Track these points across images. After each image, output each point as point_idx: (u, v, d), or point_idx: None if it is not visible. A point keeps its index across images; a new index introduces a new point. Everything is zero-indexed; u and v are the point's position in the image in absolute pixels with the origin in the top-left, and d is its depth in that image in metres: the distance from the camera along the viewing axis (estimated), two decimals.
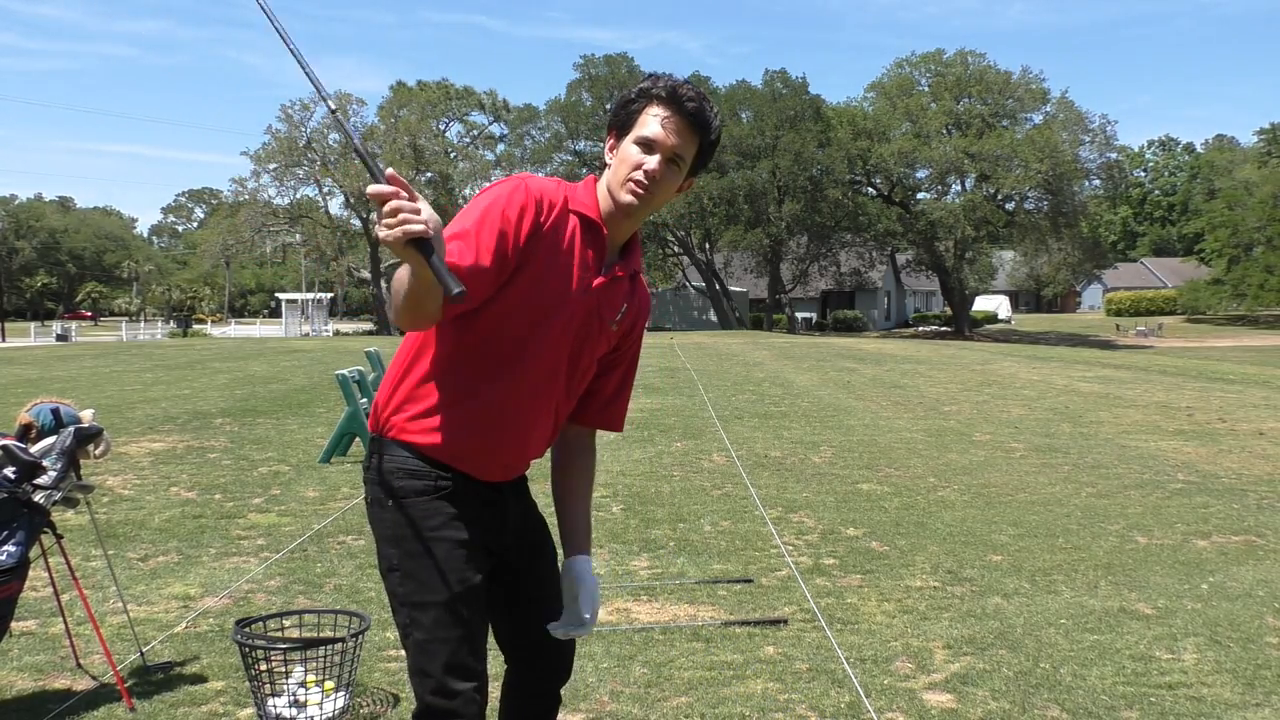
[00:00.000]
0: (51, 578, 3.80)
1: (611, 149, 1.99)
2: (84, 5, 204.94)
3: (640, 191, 1.90)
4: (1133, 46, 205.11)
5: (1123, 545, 5.75)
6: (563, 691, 2.25)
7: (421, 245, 1.53)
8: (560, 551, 2.17)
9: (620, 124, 1.97)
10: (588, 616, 2.06)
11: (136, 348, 32.24)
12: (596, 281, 1.97)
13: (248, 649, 3.10)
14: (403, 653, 4.06)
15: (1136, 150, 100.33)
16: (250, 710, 3.32)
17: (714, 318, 53.42)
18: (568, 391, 2.03)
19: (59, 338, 44.71)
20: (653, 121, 1.91)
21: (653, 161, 1.90)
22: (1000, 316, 67.10)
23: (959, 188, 52.68)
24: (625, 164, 1.92)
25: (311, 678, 3.18)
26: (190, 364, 22.05)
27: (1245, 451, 9.30)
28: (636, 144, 1.91)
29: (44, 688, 3.63)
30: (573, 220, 1.93)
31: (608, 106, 55.47)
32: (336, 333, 54.35)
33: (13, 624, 3.56)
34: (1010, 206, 51.64)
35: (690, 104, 1.91)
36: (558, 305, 1.92)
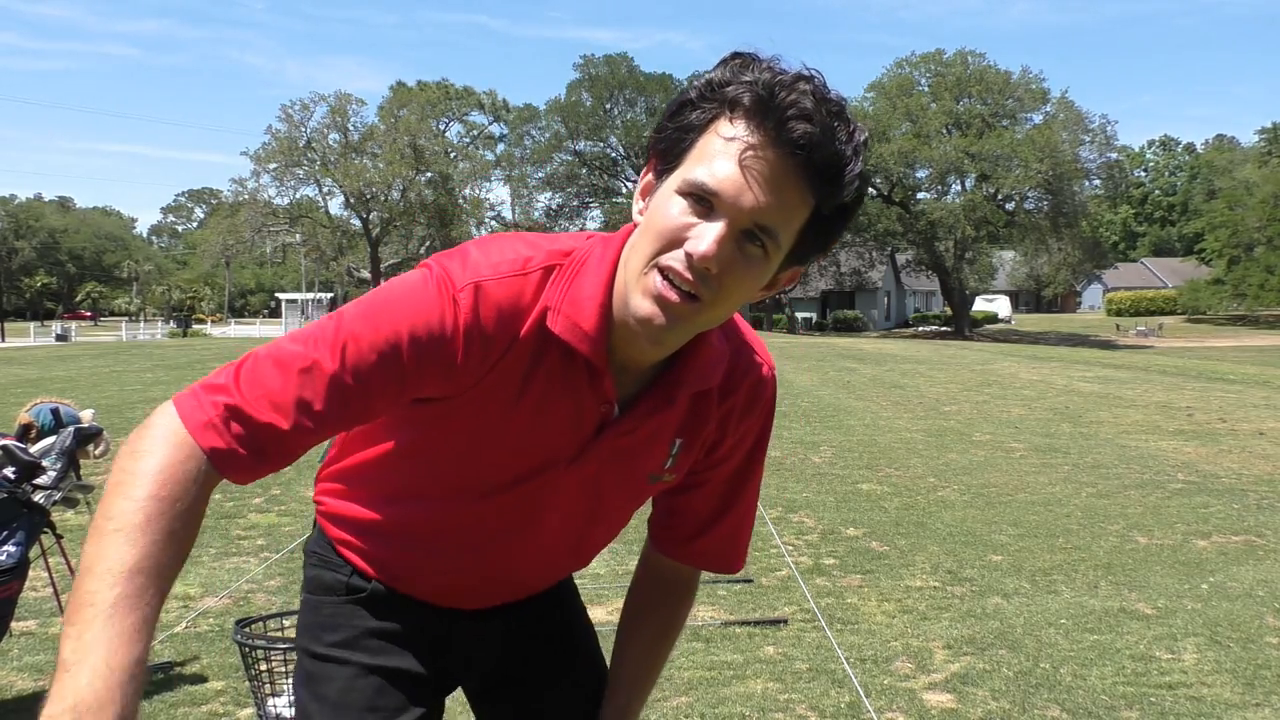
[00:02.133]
0: (51, 578, 3.81)
1: (645, 191, 1.12)
2: (85, 5, 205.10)
3: (670, 297, 1.04)
4: (1133, 46, 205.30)
5: (1123, 545, 5.74)
6: None
7: None
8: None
9: (665, 149, 1.08)
10: None
11: (136, 347, 32.25)
12: (596, 448, 1.22)
13: (248, 649, 3.10)
14: None
15: (1137, 150, 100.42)
16: (250, 710, 3.33)
17: None
18: (588, 527, 1.39)
19: (59, 338, 44.70)
20: (719, 158, 1.02)
21: (707, 237, 1.01)
22: (1000, 316, 67.09)
23: (959, 188, 52.67)
24: (655, 234, 1.05)
25: None
26: (190, 364, 22.05)
27: (1245, 451, 9.30)
28: (684, 195, 1.03)
29: (44, 688, 3.62)
30: (554, 347, 1.14)
31: (607, 106, 55.59)
32: None
33: (13, 624, 3.56)
34: (1010, 206, 51.61)
35: (800, 126, 0.99)
36: (517, 480, 1.24)
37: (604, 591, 4.75)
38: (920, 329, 57.64)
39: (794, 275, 1.13)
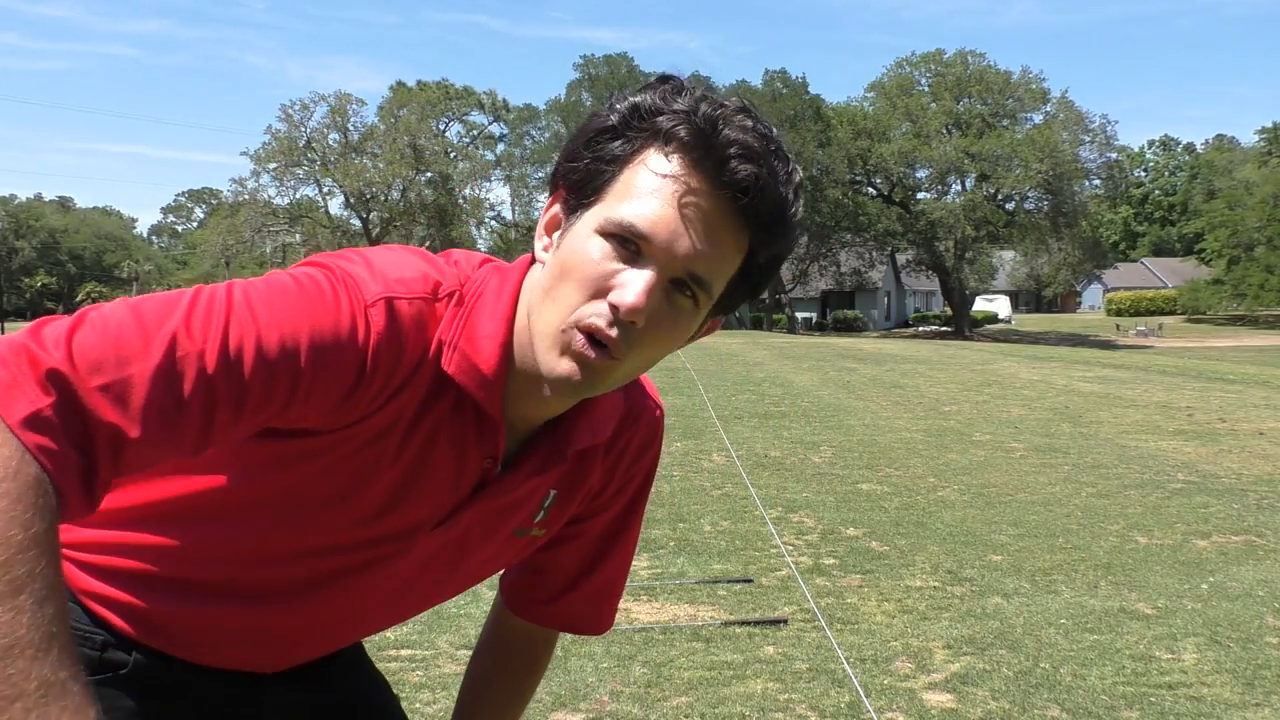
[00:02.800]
0: None
1: (551, 227, 0.99)
2: (86, 5, 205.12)
3: (591, 356, 0.91)
4: (1133, 46, 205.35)
5: (1123, 545, 5.75)
6: (563, 691, 2.09)
7: None
8: None
9: (578, 181, 0.94)
10: None
11: None
12: (471, 510, 1.07)
13: None
14: (404, 651, 4.08)
15: (1136, 150, 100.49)
16: None
17: None
18: (405, 600, 1.18)
19: None
20: (649, 197, 0.90)
21: (635, 287, 0.89)
22: (1000, 316, 67.11)
23: (959, 188, 52.67)
24: (574, 282, 0.91)
25: None
26: None
27: (1245, 451, 9.30)
28: (606, 236, 0.91)
29: None
30: (446, 390, 0.98)
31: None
32: None
33: None
34: (1010, 206, 51.62)
35: (744, 168, 0.89)
36: (355, 545, 1.06)
37: None
38: (920, 329, 57.65)
39: (713, 326, 1.01)
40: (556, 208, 0.98)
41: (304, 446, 0.97)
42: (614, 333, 0.90)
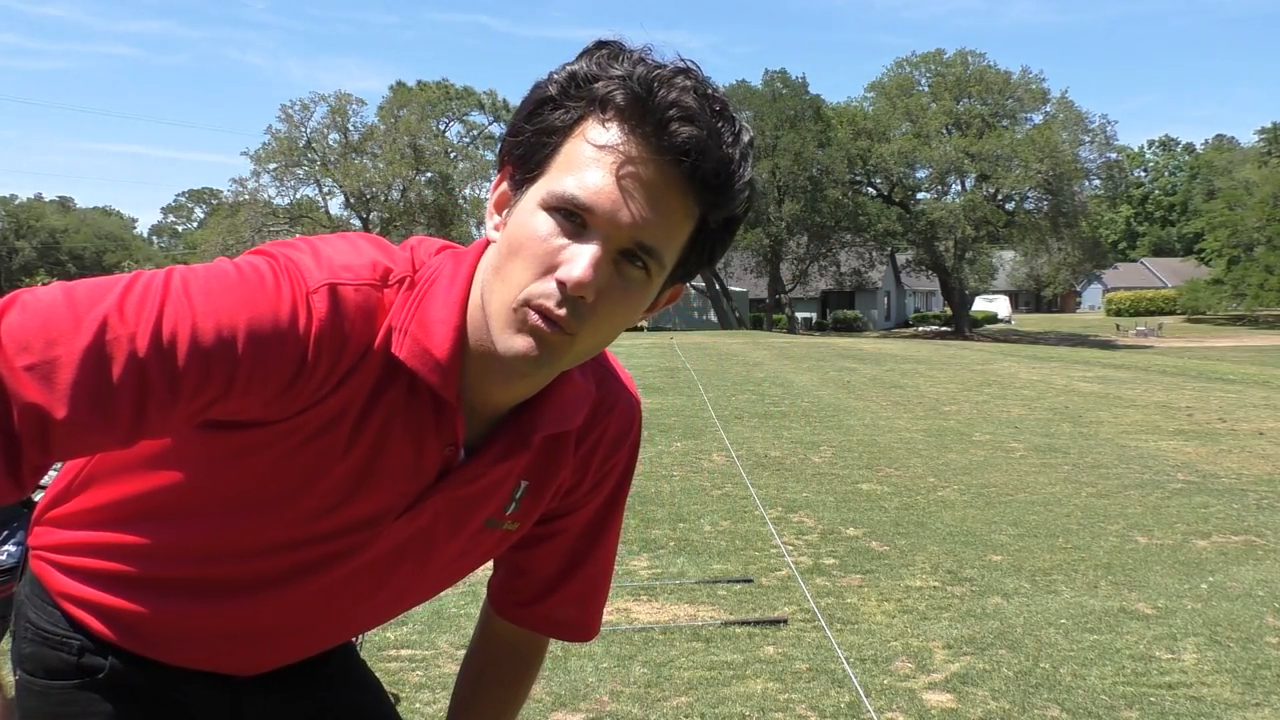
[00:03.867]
0: None
1: (500, 205, 0.97)
2: (86, 5, 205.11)
3: (545, 330, 0.89)
4: (1133, 46, 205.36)
5: (1123, 545, 5.75)
6: (563, 691, 2.10)
7: None
8: None
9: (521, 155, 0.93)
10: None
11: None
12: (435, 498, 1.05)
13: None
14: (405, 650, 4.08)
15: (1136, 150, 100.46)
16: None
17: (714, 318, 53.42)
18: (379, 597, 1.16)
19: None
20: (590, 166, 0.88)
21: (581, 261, 0.87)
22: (1000, 316, 67.10)
23: (959, 188, 52.67)
24: (522, 259, 0.90)
25: None
26: None
27: (1245, 451, 9.30)
28: (550, 210, 0.89)
29: None
30: (398, 377, 0.97)
31: None
32: None
33: (12, 624, 3.56)
34: (1010, 206, 51.62)
35: (684, 130, 0.86)
36: (320, 537, 1.05)
37: None
38: (920, 329, 57.66)
39: (675, 294, 1.00)
40: (504, 184, 0.96)
41: (253, 438, 0.95)
42: (563, 311, 0.88)
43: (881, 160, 50.16)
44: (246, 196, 54.78)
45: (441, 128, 63.27)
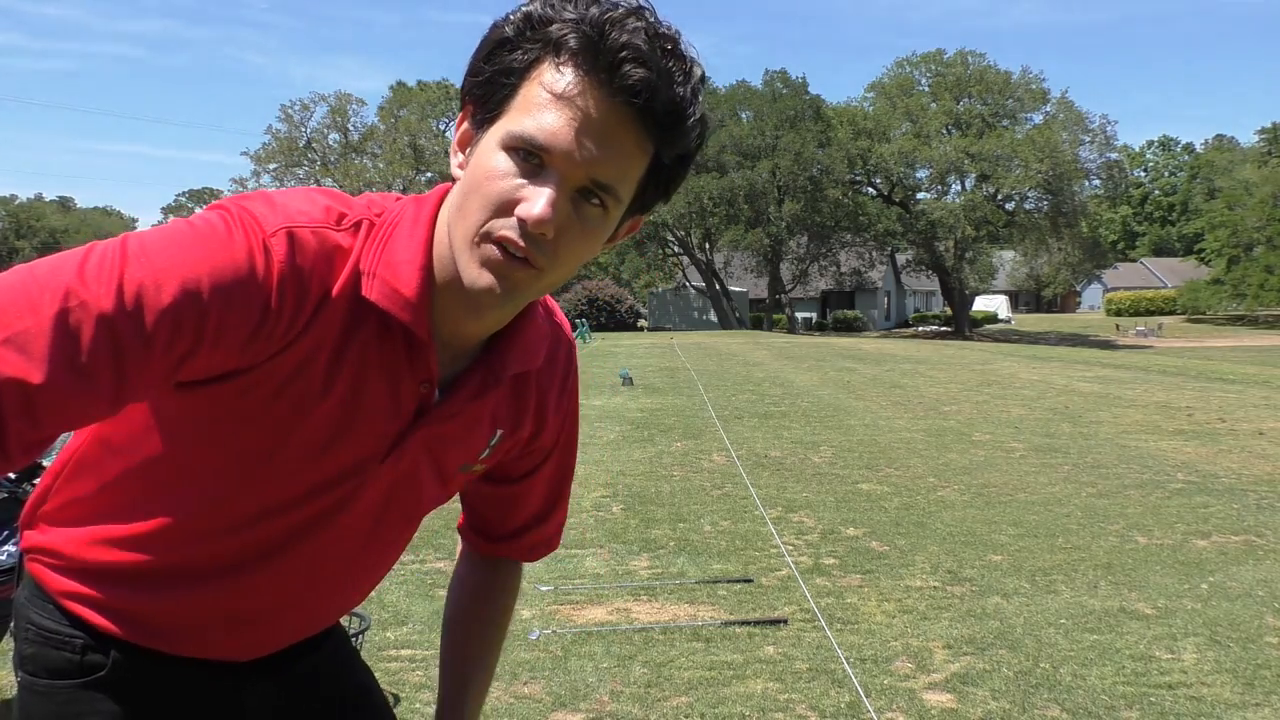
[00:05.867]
0: None
1: (463, 143, 0.99)
2: (88, 5, 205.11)
3: (504, 263, 0.93)
4: (1133, 46, 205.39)
5: (1123, 545, 5.75)
6: (563, 691, 2.12)
7: None
8: None
9: (480, 95, 0.96)
10: None
11: None
12: (414, 437, 1.08)
13: None
14: (405, 650, 4.08)
15: (1136, 150, 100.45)
16: None
17: (714, 318, 53.43)
18: (371, 551, 1.19)
19: None
20: (546, 107, 0.91)
21: (539, 200, 0.90)
22: (1000, 316, 67.10)
23: (959, 188, 52.67)
24: (482, 197, 0.93)
25: None
26: None
27: (1245, 451, 9.30)
28: (508, 150, 0.92)
29: None
30: (365, 321, 0.99)
31: None
32: None
33: (12, 624, 3.56)
34: (1010, 206, 51.63)
35: (635, 72, 0.89)
36: (309, 491, 1.07)
37: (604, 591, 4.75)
38: (920, 329, 57.65)
39: (634, 225, 1.04)
40: (465, 124, 0.99)
41: (228, 389, 0.96)
42: (524, 244, 0.91)
43: (881, 160, 50.16)
44: None
45: (441, 128, 63.27)
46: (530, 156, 0.91)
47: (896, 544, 5.75)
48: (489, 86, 0.94)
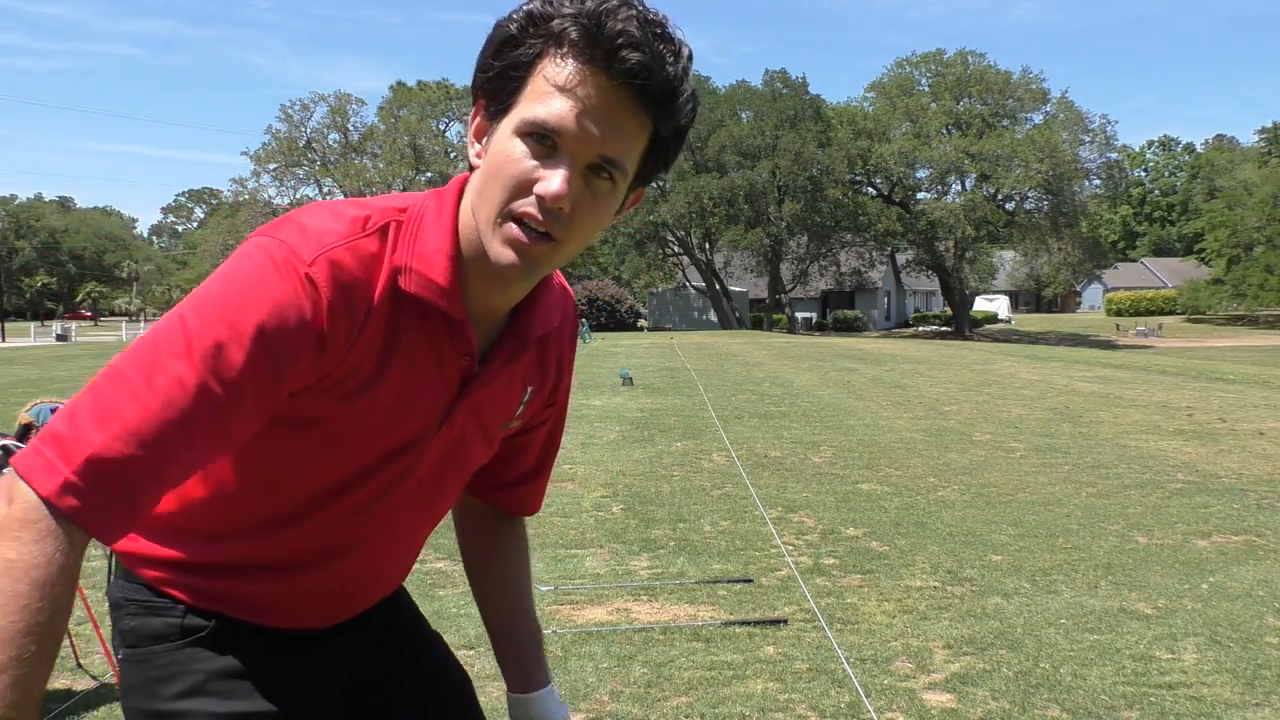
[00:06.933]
0: None
1: (479, 134, 1.09)
2: (89, 5, 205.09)
3: (527, 242, 1.02)
4: (1133, 46, 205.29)
5: (1123, 545, 5.74)
6: (563, 691, 2.13)
7: None
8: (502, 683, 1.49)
9: (491, 89, 1.05)
10: None
11: None
12: (462, 405, 1.19)
13: None
14: None
15: (1136, 150, 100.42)
16: None
17: (714, 318, 53.42)
18: (432, 512, 1.32)
19: (59, 338, 44.71)
20: (554, 95, 0.99)
21: (555, 178, 1.00)
22: (1000, 316, 67.09)
23: (959, 188, 52.67)
24: (501, 180, 1.02)
25: None
26: None
27: (1245, 451, 9.30)
28: (522, 136, 1.01)
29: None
30: (407, 311, 1.10)
31: None
32: None
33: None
34: (1010, 206, 51.62)
35: (632, 55, 0.98)
36: (388, 458, 1.18)
37: (604, 591, 4.75)
38: (920, 329, 57.64)
39: (638, 197, 1.14)
40: (479, 117, 1.08)
41: (307, 396, 1.08)
42: (544, 218, 1.02)
43: (881, 160, 50.14)
44: (246, 196, 54.81)
45: (441, 128, 63.29)
46: (543, 140, 1.00)
47: (896, 544, 5.75)
48: (499, 80, 1.03)
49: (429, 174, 55.19)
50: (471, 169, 1.09)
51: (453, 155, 60.30)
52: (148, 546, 1.22)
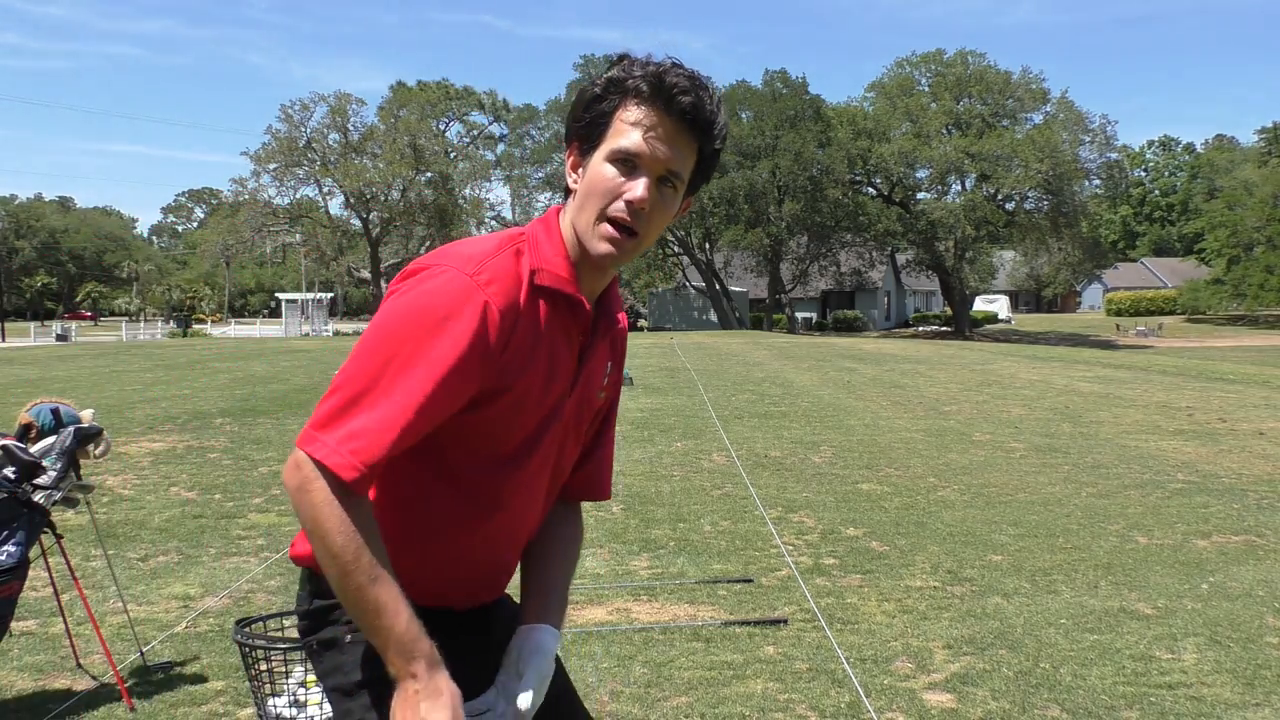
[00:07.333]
0: (51, 578, 3.80)
1: (575, 167, 1.47)
2: (89, 5, 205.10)
3: (620, 237, 1.40)
4: (1133, 46, 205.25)
5: (1123, 545, 5.74)
6: None
7: None
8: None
9: (585, 133, 1.44)
10: (524, 707, 1.45)
11: (136, 348, 32.25)
12: (582, 372, 1.53)
13: (248, 649, 3.09)
14: None
15: (1136, 150, 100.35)
16: (250, 710, 3.33)
17: (714, 318, 53.43)
18: (556, 479, 1.61)
19: (59, 338, 44.69)
20: (632, 130, 1.39)
21: (639, 187, 1.39)
22: (1000, 316, 67.07)
23: (959, 188, 52.66)
24: (598, 194, 1.40)
25: (312, 678, 3.17)
26: (190, 364, 22.05)
27: (1245, 451, 9.30)
28: (612, 162, 1.40)
29: (44, 688, 3.63)
30: (543, 304, 1.44)
31: None
32: (336, 333, 54.27)
33: (13, 624, 3.56)
34: (1010, 206, 51.61)
35: (684, 99, 1.39)
36: (543, 425, 1.49)
37: (604, 591, 4.75)
38: (920, 329, 57.63)
39: (688, 203, 1.52)
40: (574, 155, 1.48)
41: (491, 387, 1.40)
42: (630, 217, 1.41)
43: (881, 160, 50.13)
44: (246, 196, 54.70)
45: (441, 128, 63.34)
46: (627, 162, 1.40)
47: (896, 544, 5.75)
48: (590, 127, 1.43)
49: (429, 174, 55.16)
50: (568, 193, 1.48)
51: (453, 155, 60.30)
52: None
